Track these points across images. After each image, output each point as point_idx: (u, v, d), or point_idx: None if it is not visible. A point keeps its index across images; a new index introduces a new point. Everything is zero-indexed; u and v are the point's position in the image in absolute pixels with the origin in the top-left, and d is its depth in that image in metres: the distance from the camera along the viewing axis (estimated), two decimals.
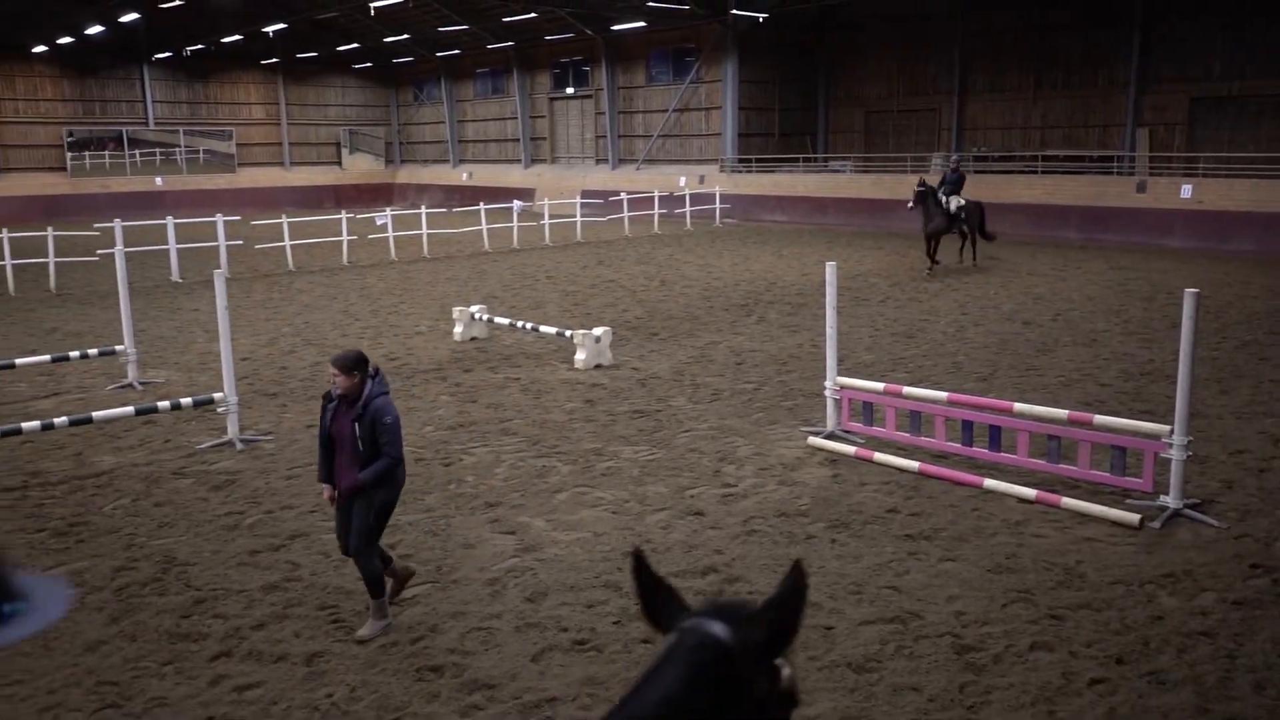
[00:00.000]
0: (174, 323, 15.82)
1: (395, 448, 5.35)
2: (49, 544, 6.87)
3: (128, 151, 44.05)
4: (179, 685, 5.03)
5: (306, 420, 9.86)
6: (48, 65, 42.02)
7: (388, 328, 15.06)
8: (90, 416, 8.93)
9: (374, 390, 5.31)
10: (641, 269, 21.35)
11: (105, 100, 43.85)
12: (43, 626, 2.04)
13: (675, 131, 38.92)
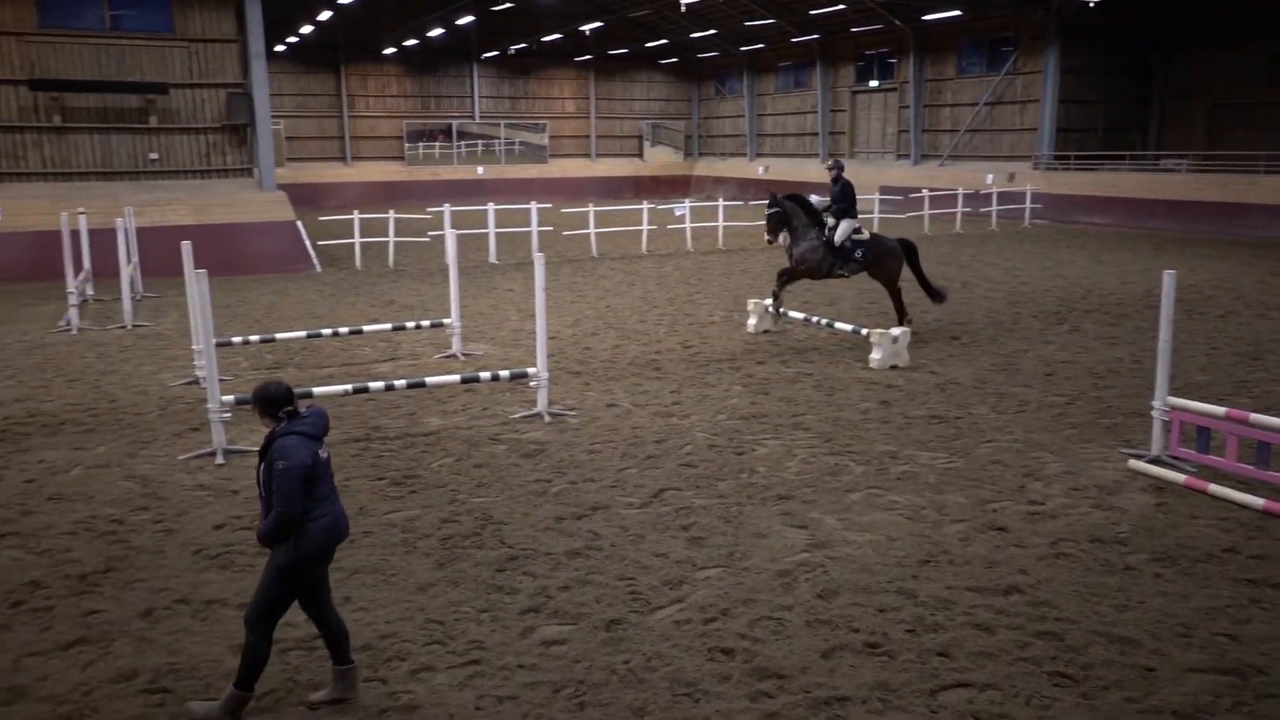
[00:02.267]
0: (490, 300, 17.16)
1: (283, 501, 4.36)
2: (387, 491, 7.70)
3: (455, 143, 48.33)
4: (494, 632, 5.47)
5: (607, 400, 10.38)
6: (394, 65, 46.93)
7: (682, 316, 15.49)
8: (423, 381, 9.90)
9: (282, 429, 4.49)
10: (941, 269, 20.50)
11: (440, 96, 48.31)
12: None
13: (984, 126, 36.99)
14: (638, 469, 8.17)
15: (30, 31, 20.97)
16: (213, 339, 8.74)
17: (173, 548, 6.65)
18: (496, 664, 5.13)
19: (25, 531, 6.93)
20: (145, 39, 21.81)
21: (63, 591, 5.99)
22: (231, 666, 5.06)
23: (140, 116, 22.10)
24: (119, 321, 15.03)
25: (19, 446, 8.95)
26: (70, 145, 21.80)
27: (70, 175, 21.79)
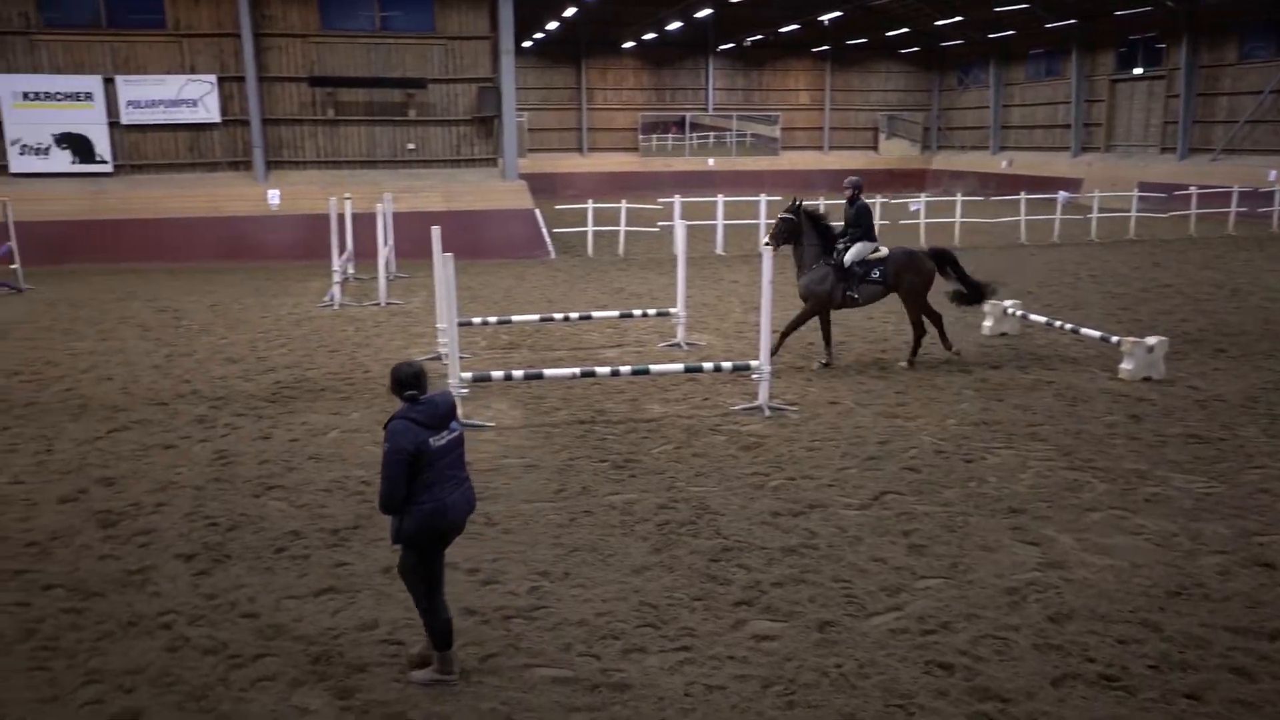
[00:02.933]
0: (715, 291, 17.25)
1: (383, 481, 4.57)
2: (609, 474, 7.92)
3: (687, 135, 48.92)
4: (705, 621, 5.50)
5: (829, 396, 10.18)
6: (632, 59, 48.04)
7: None
8: (648, 369, 10.10)
9: (400, 411, 4.67)
10: (1207, 274, 18.67)
11: (675, 89, 49.01)
12: None
13: (1269, 116, 33.27)
14: (858, 469, 7.97)
15: (313, 33, 23.08)
16: (455, 319, 9.29)
17: None
18: (707, 653, 5.16)
19: (289, 486, 7.66)
20: (409, 38, 23.49)
21: (318, 543, 6.58)
22: (461, 627, 5.37)
23: (401, 110, 23.83)
24: (374, 299, 16.30)
25: (287, 409, 9.90)
26: (340, 136, 23.84)
27: (339, 164, 23.84)
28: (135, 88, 22.27)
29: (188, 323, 14.63)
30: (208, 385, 10.85)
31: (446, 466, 4.70)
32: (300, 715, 4.63)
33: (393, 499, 4.58)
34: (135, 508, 7.21)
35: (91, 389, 10.75)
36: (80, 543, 6.60)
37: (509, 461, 8.24)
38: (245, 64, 22.40)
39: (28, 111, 21.93)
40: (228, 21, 22.45)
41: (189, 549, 6.48)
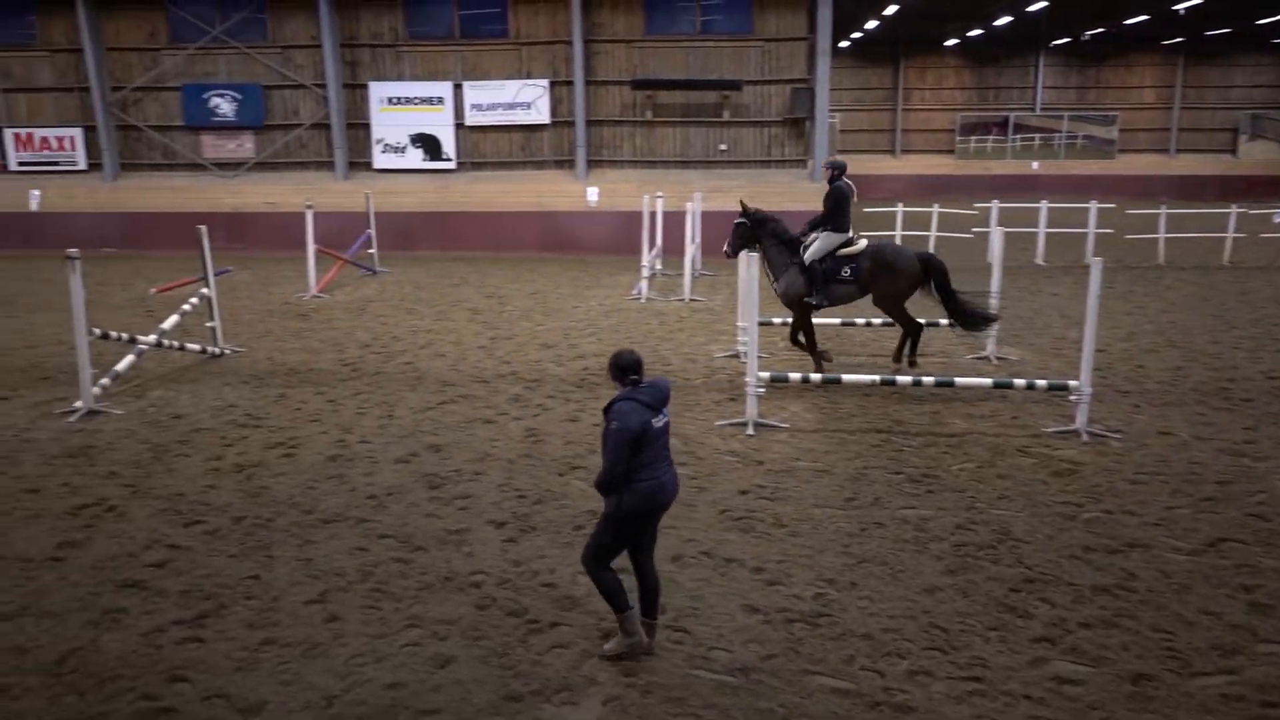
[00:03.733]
0: (1033, 304, 16.14)
1: (608, 459, 4.78)
2: (903, 487, 7.64)
3: (1010, 136, 46.10)
4: (1001, 654, 5.16)
5: (1160, 426, 9.20)
6: (954, 57, 45.99)
7: (1272, 340, 13.14)
8: (952, 381, 9.63)
9: (624, 393, 4.89)
10: None
11: (998, 88, 46.35)
12: None
13: None
14: (1191, 510, 7.13)
15: (637, 38, 24.17)
16: (756, 318, 9.35)
17: (702, 504, 7.28)
18: (1000, 687, 4.84)
19: (592, 468, 8.07)
20: (727, 40, 23.95)
21: None
22: (744, 624, 5.42)
23: (715, 111, 24.36)
24: (679, 295, 16.80)
25: (593, 395, 10.45)
26: (657, 137, 24.79)
27: (654, 163, 24.80)
28: (479, 92, 24.44)
29: (511, 308, 15.86)
30: (525, 367, 11.69)
31: (661, 448, 4.95)
32: (588, 684, 4.87)
33: (614, 476, 4.80)
34: (457, 474, 7.92)
35: (427, 364, 11.94)
36: (410, 500, 7.34)
37: (801, 465, 8.18)
38: (575, 69, 23.87)
39: (390, 114, 24.73)
40: (562, 30, 24.05)
41: (500, 517, 7.02)
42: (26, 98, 25.77)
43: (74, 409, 9.66)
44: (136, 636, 5.30)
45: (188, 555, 6.36)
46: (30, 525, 6.86)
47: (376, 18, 24.51)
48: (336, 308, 15.98)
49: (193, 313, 12.03)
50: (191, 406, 9.96)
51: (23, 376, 11.27)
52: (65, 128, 25.69)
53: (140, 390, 10.58)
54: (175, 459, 8.32)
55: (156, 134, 25.54)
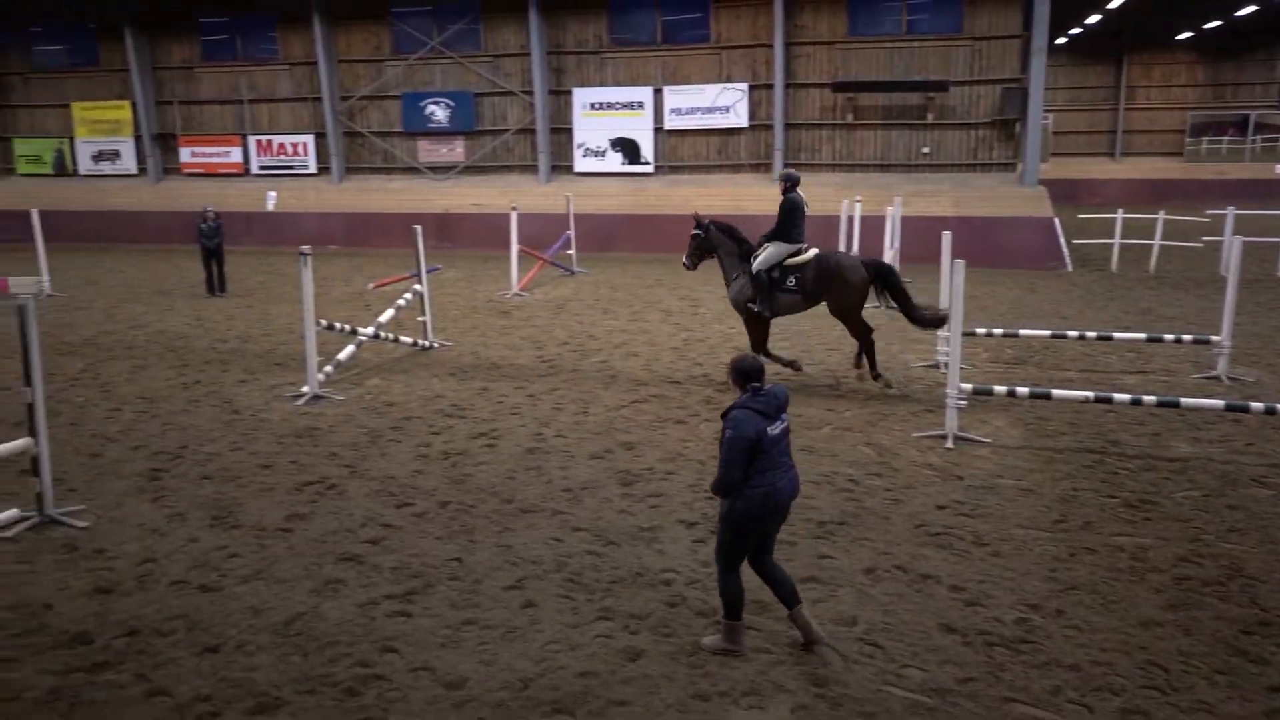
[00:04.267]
0: (1274, 320, 14.72)
1: (723, 465, 4.92)
2: (1118, 512, 7.14)
3: (1250, 137, 42.21)
4: (1229, 700, 4.74)
5: None
6: (1185, 52, 42.56)
7: None
8: (1177, 401, 8.91)
9: (741, 401, 5.02)
10: None
11: (1237, 84, 42.57)
12: None
13: None
14: None
15: (839, 40, 23.78)
16: (960, 328, 8.99)
17: (898, 517, 7.07)
18: None
19: None
20: (934, 40, 23.17)
21: (803, 532, 6.79)
22: (940, 643, 5.23)
23: (919, 113, 23.62)
24: (872, 301, 16.35)
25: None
26: (856, 140, 24.30)
27: (853, 167, 24.32)
28: (678, 96, 24.74)
29: (704, 311, 15.95)
30: (717, 370, 11.73)
31: (779, 454, 5.04)
32: (776, 690, 4.83)
33: (730, 482, 4.94)
34: (649, 472, 8.05)
35: (621, 363, 12.19)
36: (603, 495, 7.52)
37: (1004, 482, 7.80)
38: (775, 72, 23.76)
39: (592, 119, 25.43)
40: (763, 33, 23.99)
41: (690, 516, 7.08)
42: (267, 108, 28.19)
43: (301, 393, 10.49)
44: (353, 607, 5.69)
45: (398, 534, 6.76)
46: (263, 498, 7.50)
47: (582, 26, 25.27)
48: (536, 306, 16.58)
49: (406, 308, 12.80)
50: (403, 395, 10.60)
51: (259, 362, 12.33)
52: (299, 134, 27.92)
53: (358, 379, 11.36)
54: (388, 444, 8.87)
55: (378, 139, 27.33)
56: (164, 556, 6.39)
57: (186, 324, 15.09)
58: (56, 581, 6.03)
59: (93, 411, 10.06)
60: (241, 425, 9.52)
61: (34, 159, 30.45)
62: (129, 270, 21.98)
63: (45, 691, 4.80)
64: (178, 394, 10.79)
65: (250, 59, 27.98)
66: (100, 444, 8.94)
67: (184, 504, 7.36)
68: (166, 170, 29.23)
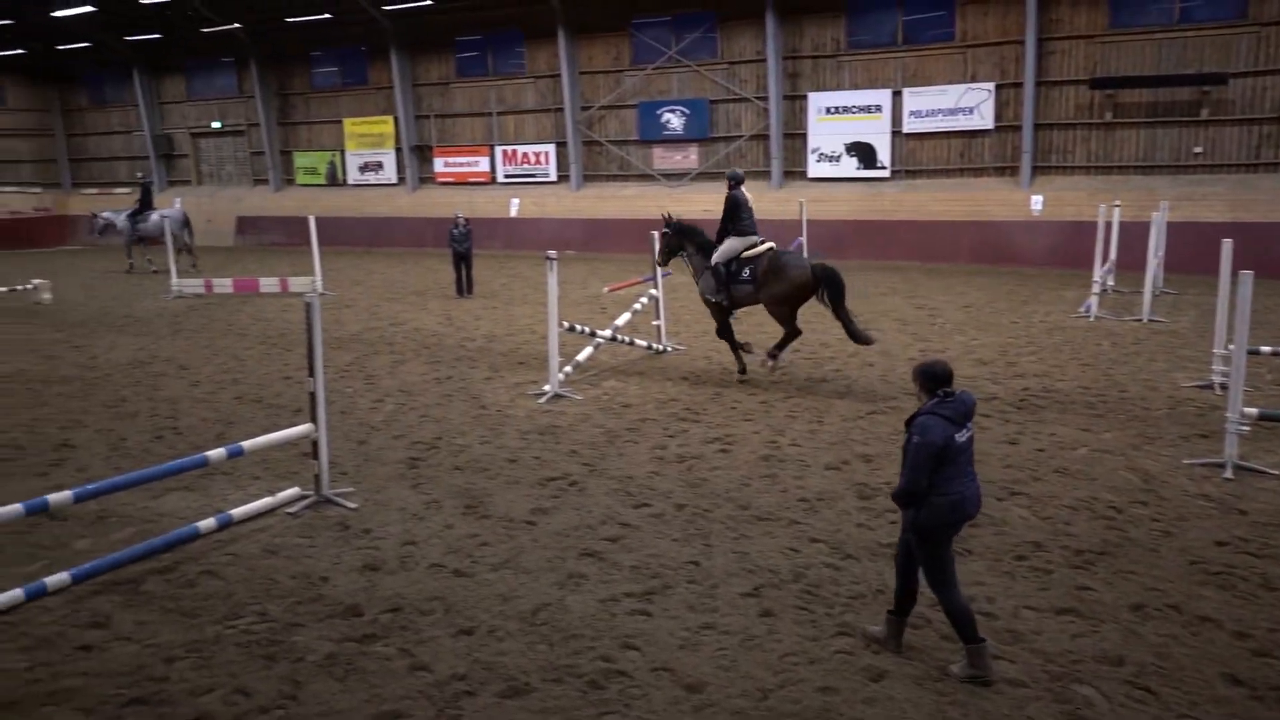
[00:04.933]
0: None
1: (909, 472, 4.78)
2: None
3: None
4: None
5: None
6: None
7: None
8: None
9: (929, 407, 4.87)
10: None
11: None
12: None
13: None
14: None
15: (1099, 34, 22.18)
16: (1245, 346, 8.12)
17: (1168, 551, 6.47)
18: None
19: (1034, 495, 7.53)
20: (1212, 28, 21.14)
21: (1059, 560, 6.34)
22: (1223, 694, 4.73)
23: (1190, 109, 21.64)
24: (1135, 314, 15.15)
25: (1035, 417, 9.75)
26: (1115, 140, 22.57)
27: (1110, 169, 22.62)
28: (918, 98, 23.93)
29: (942, 321, 15.32)
30: (957, 384, 11.19)
31: (965, 462, 4.88)
32: None
33: (914, 491, 4.80)
34: (888, 486, 7.78)
35: (856, 372, 11.91)
36: (841, 508, 7.35)
37: None
38: (1025, 69, 22.51)
39: (827, 124, 25.07)
40: (1013, 29, 22.78)
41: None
42: (513, 119, 29.74)
43: (543, 391, 10.94)
44: (595, 602, 5.84)
45: (637, 534, 6.89)
46: (510, 490, 7.87)
47: (819, 29, 24.98)
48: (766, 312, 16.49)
49: (641, 311, 13.08)
50: (639, 397, 10.83)
51: (503, 360, 12.99)
52: (541, 144, 29.28)
53: (596, 379, 11.72)
54: (625, 444, 9.08)
55: (615, 148, 28.18)
56: (423, 540, 6.84)
57: (439, 323, 16.14)
58: (331, 557, 6.58)
59: (360, 401, 10.94)
60: (489, 420, 10.05)
61: (310, 170, 33.64)
62: (388, 272, 23.82)
63: (324, 656, 5.23)
64: (432, 388, 11.54)
65: (499, 74, 29.64)
66: (366, 431, 9.70)
67: (439, 492, 7.85)
68: (422, 179, 31.46)
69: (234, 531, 7.02)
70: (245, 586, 6.11)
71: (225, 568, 6.41)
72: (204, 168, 36.44)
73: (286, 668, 5.11)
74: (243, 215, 34.04)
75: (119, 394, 11.57)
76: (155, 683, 4.99)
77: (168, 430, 9.94)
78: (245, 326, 16.36)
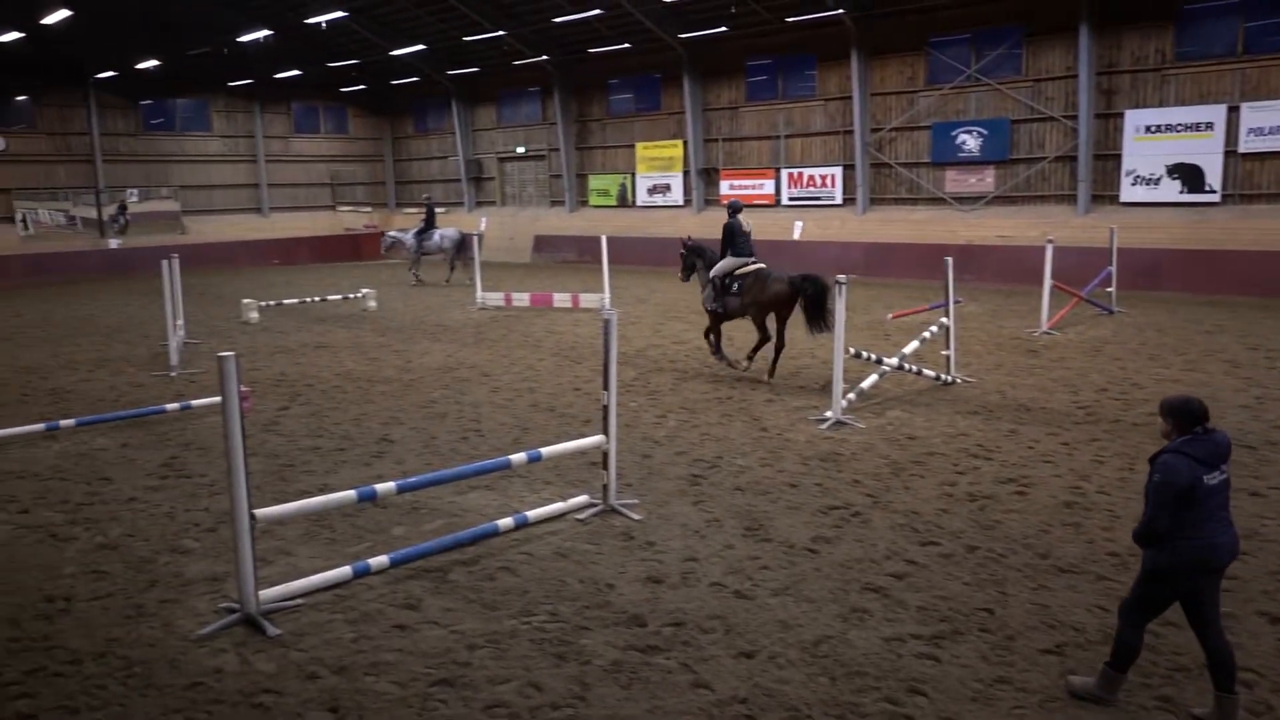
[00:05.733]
0: None
1: (1149, 511, 4.53)
2: None
3: None
4: None
5: None
6: None
7: None
8: None
9: (1174, 444, 4.56)
10: None
11: None
12: None
13: None
14: None
15: None
16: None
17: None
18: None
19: None
20: None
21: None
22: None
23: None
24: None
25: None
26: None
27: None
28: (1260, 114, 21.37)
29: None
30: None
31: (1216, 506, 4.59)
32: None
33: (1153, 531, 4.57)
34: None
35: None
36: None
37: None
38: None
39: (1146, 144, 22.97)
40: None
41: (1275, 609, 5.94)
42: (800, 141, 29.69)
43: (825, 418, 10.75)
44: (879, 640, 5.61)
45: (924, 573, 6.57)
46: (791, 515, 7.77)
47: (1142, 41, 22.99)
48: (1069, 346, 15.32)
49: (930, 340, 12.55)
50: (925, 430, 10.38)
51: (783, 383, 12.91)
52: (827, 167, 29.00)
53: (879, 408, 11.36)
54: (911, 478, 8.71)
55: (904, 170, 27.38)
56: (704, 557, 6.89)
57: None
58: (616, 565, 6.79)
59: (643, 416, 11.27)
60: (769, 443, 10.00)
61: (603, 192, 35.35)
62: (670, 292, 24.48)
63: (609, 662, 5.39)
64: (713, 407, 11.68)
65: (789, 97, 29.72)
66: (649, 446, 9.97)
67: (720, 511, 7.89)
68: (707, 201, 32.14)
69: (528, 532, 7.43)
70: (538, 586, 6.44)
71: (520, 566, 6.79)
72: (508, 189, 39.29)
73: (575, 668, 5.31)
74: (539, 234, 36.33)
75: (430, 396, 12.65)
76: (459, 667, 5.35)
77: (472, 432, 10.72)
78: (540, 339, 17.39)
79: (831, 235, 28.29)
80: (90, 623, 6.02)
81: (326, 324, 19.82)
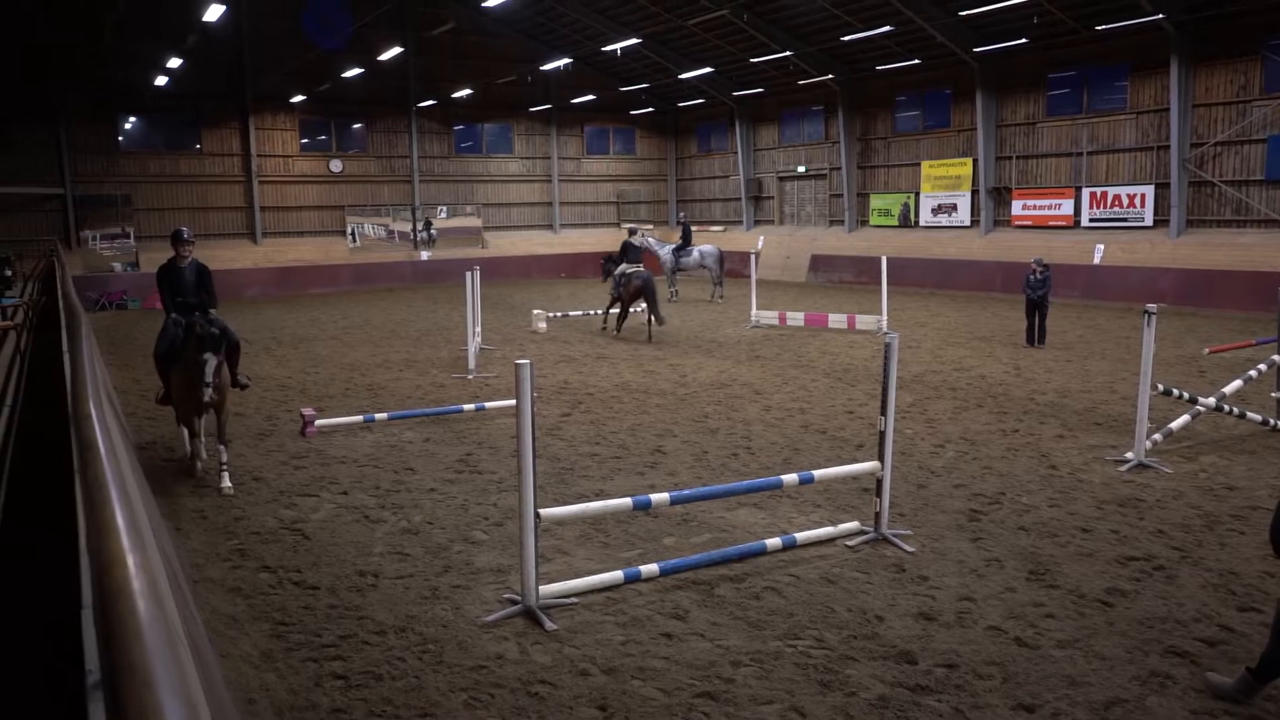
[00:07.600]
0: None
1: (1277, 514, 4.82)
2: None
3: None
4: None
5: None
6: None
7: None
8: None
9: None
10: None
11: None
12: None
13: None
14: None
15: None
16: None
17: None
18: None
19: None
20: None
21: None
22: None
23: None
24: None
25: None
26: None
27: None
28: None
29: None
30: None
31: None
32: None
33: None
34: None
35: None
36: None
37: None
38: None
39: None
40: None
41: None
42: (1106, 159, 27.47)
43: (1125, 459, 9.85)
44: (1184, 712, 5.04)
45: (1242, 642, 5.83)
46: (1082, 563, 7.17)
47: None
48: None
49: (1256, 379, 11.17)
50: (1247, 481, 9.23)
51: (1077, 419, 11.96)
52: (1137, 185, 26.63)
53: (1191, 453, 10.25)
54: (1228, 533, 7.78)
55: (1231, 189, 24.62)
56: (981, 599, 6.51)
57: (1005, 372, 15.43)
58: (886, 597, 6.56)
59: (920, 445, 10.85)
60: (1059, 482, 9.30)
61: (884, 212, 34.48)
62: (952, 315, 23.44)
63: (875, 696, 5.21)
64: (996, 440, 11.03)
65: (1094, 111, 27.60)
66: (925, 476, 9.57)
67: (1000, 550, 7.43)
68: (996, 222, 30.49)
69: (796, 554, 7.36)
70: (805, 609, 6.35)
71: (787, 587, 6.74)
72: (786, 209, 39.27)
73: (840, 698, 5.19)
74: (816, 253, 36.01)
75: (703, 410, 12.87)
76: (723, 682, 5.39)
77: (742, 449, 10.79)
78: (813, 359, 17.22)
79: (1139, 260, 25.91)
80: (394, 599, 6.64)
81: (606, 336, 20.71)
